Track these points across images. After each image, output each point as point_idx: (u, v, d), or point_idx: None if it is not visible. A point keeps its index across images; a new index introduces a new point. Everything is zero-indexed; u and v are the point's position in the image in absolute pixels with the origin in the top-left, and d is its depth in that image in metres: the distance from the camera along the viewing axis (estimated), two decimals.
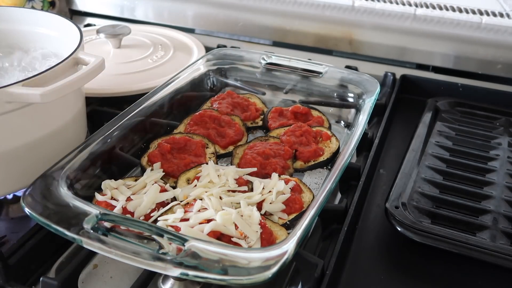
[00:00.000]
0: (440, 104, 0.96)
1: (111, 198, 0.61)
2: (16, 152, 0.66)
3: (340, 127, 0.85)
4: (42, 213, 0.53)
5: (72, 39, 0.74)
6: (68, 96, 0.68)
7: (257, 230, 0.56)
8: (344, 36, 1.11)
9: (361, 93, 0.81)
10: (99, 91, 0.91)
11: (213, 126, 0.79)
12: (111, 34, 1.03)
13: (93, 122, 0.86)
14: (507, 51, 1.01)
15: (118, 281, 0.62)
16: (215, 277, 0.46)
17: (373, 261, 0.66)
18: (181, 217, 0.57)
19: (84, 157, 0.64)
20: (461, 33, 1.05)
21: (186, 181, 0.67)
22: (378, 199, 0.76)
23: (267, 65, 0.89)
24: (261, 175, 0.68)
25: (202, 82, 0.90)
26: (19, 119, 0.65)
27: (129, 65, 1.00)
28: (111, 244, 0.49)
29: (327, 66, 0.86)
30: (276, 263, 0.47)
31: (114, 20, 1.29)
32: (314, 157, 0.74)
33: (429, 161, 0.80)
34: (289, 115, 0.83)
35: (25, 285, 0.61)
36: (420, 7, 1.10)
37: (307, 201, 0.65)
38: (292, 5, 1.17)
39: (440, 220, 0.69)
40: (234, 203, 0.61)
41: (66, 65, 0.67)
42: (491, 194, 0.74)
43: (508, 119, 0.93)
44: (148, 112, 0.75)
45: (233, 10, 1.20)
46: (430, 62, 1.07)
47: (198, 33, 1.23)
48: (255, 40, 1.20)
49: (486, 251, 0.63)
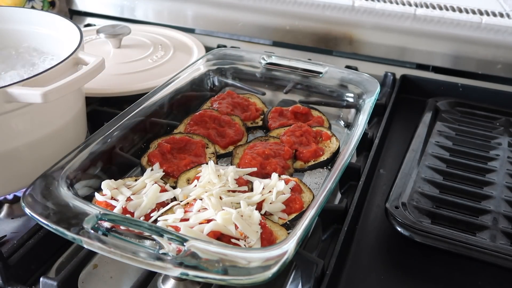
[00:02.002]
0: (440, 104, 0.96)
1: (111, 198, 0.61)
2: (16, 152, 0.66)
3: (340, 127, 0.85)
4: (42, 213, 0.53)
5: (72, 39, 0.74)
6: (68, 96, 0.68)
7: (257, 230, 0.56)
8: (344, 36, 1.11)
9: (361, 93, 0.81)
10: (99, 91, 0.91)
11: (213, 126, 0.79)
12: (111, 34, 1.03)
13: (93, 122, 0.86)
14: (507, 51, 1.01)
15: (118, 281, 0.62)
16: (215, 277, 0.46)
17: (373, 261, 0.66)
18: (181, 217, 0.57)
19: (84, 157, 0.64)
20: (461, 33, 1.05)
21: (186, 181, 0.67)
22: (378, 199, 0.76)
23: (267, 65, 0.89)
24: (261, 175, 0.68)
25: (202, 82, 0.90)
26: (19, 119, 0.65)
27: (129, 65, 1.00)
28: (111, 244, 0.49)
29: (327, 66, 0.86)
30: (276, 263, 0.47)
31: (114, 20, 1.29)
32: (314, 157, 0.74)
33: (429, 161, 0.80)
34: (289, 115, 0.83)
35: (25, 285, 0.61)
36: (420, 7, 1.10)
37: (307, 201, 0.65)
38: (292, 5, 1.17)
39: (440, 220, 0.69)
40: (234, 203, 0.60)
41: (66, 65, 0.67)
42: (491, 194, 0.74)
43: (508, 119, 0.93)
44: (148, 112, 0.75)
45: (233, 10, 1.20)
46: (430, 62, 1.07)
47: (198, 33, 1.23)
48: (255, 40, 1.20)
49: (486, 251, 0.63)
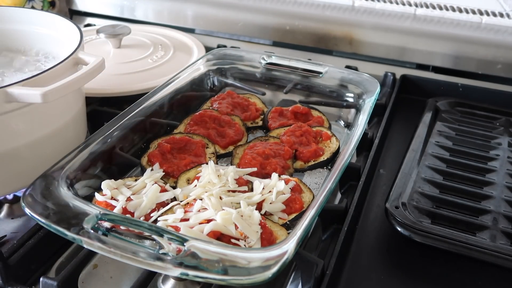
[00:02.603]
0: (440, 104, 0.96)
1: (111, 198, 0.61)
2: (16, 152, 0.66)
3: (340, 127, 0.85)
4: (42, 213, 0.53)
5: (72, 39, 0.74)
6: (68, 96, 0.68)
7: (257, 230, 0.56)
8: (344, 36, 1.11)
9: (361, 93, 0.81)
10: (99, 91, 0.91)
11: (213, 126, 0.78)
12: (111, 34, 1.03)
13: (93, 122, 0.86)
14: (507, 51, 1.01)
15: (118, 281, 0.62)
16: (215, 277, 0.46)
17: (373, 261, 0.66)
18: (181, 217, 0.57)
19: (84, 157, 0.64)
20: (461, 33, 1.05)
21: (186, 181, 0.67)
22: (378, 199, 0.76)
23: (267, 65, 0.89)
24: (261, 175, 0.68)
25: (202, 82, 0.90)
26: (19, 119, 0.65)
27: (129, 65, 1.00)
28: (111, 244, 0.49)
29: (327, 66, 0.86)
30: (276, 263, 0.47)
31: (114, 20, 1.29)
32: (314, 157, 0.74)
33: (429, 161, 0.80)
34: (289, 115, 0.83)
35: (25, 285, 0.61)
36: (420, 7, 1.10)
37: (307, 201, 0.65)
38: (292, 5, 1.17)
39: (440, 220, 0.69)
40: (234, 203, 0.60)
41: (66, 65, 0.67)
42: (491, 194, 0.74)
43: (508, 119, 0.93)
44: (148, 112, 0.75)
45: (233, 10, 1.20)
46: (430, 62, 1.07)
47: (198, 33, 1.23)
48: (255, 40, 1.20)
49: (486, 251, 0.63)
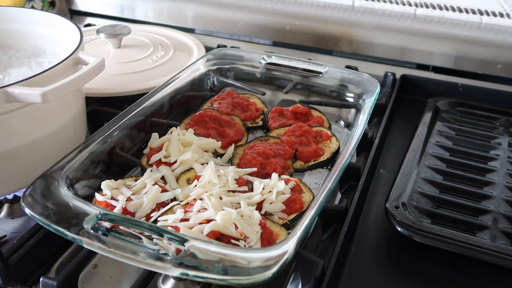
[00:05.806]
0: (440, 104, 0.96)
1: (111, 198, 0.61)
2: (16, 152, 0.66)
3: (340, 127, 0.85)
4: (42, 213, 0.53)
5: (72, 39, 0.74)
6: (68, 96, 0.68)
7: (257, 230, 0.56)
8: (344, 36, 1.11)
9: (361, 93, 0.81)
10: (99, 91, 0.91)
11: (213, 126, 0.78)
12: (111, 34, 1.03)
13: (93, 122, 0.86)
14: (507, 51, 1.01)
15: (118, 281, 0.62)
16: (215, 277, 0.46)
17: (373, 261, 0.66)
18: (181, 218, 0.57)
19: (84, 157, 0.64)
20: (461, 33, 1.05)
21: (186, 181, 0.67)
22: (378, 199, 0.76)
23: (267, 65, 0.89)
24: (261, 175, 0.68)
25: (202, 82, 0.90)
26: (19, 119, 0.65)
27: (129, 65, 1.00)
28: (111, 244, 0.49)
29: (327, 66, 0.86)
30: (276, 263, 0.47)
31: (114, 20, 1.29)
32: (314, 157, 0.74)
33: (429, 161, 0.80)
34: (289, 115, 0.83)
35: (25, 285, 0.61)
36: (420, 7, 1.10)
37: (307, 201, 0.65)
38: (292, 5, 1.17)
39: (440, 220, 0.69)
40: (234, 203, 0.61)
41: (66, 65, 0.67)
42: (491, 194, 0.74)
43: (508, 119, 0.93)
44: (148, 112, 0.75)
45: (233, 10, 1.20)
46: (430, 62, 1.07)
47: (198, 33, 1.23)
48: (255, 40, 1.20)
49: (486, 251, 0.63)
